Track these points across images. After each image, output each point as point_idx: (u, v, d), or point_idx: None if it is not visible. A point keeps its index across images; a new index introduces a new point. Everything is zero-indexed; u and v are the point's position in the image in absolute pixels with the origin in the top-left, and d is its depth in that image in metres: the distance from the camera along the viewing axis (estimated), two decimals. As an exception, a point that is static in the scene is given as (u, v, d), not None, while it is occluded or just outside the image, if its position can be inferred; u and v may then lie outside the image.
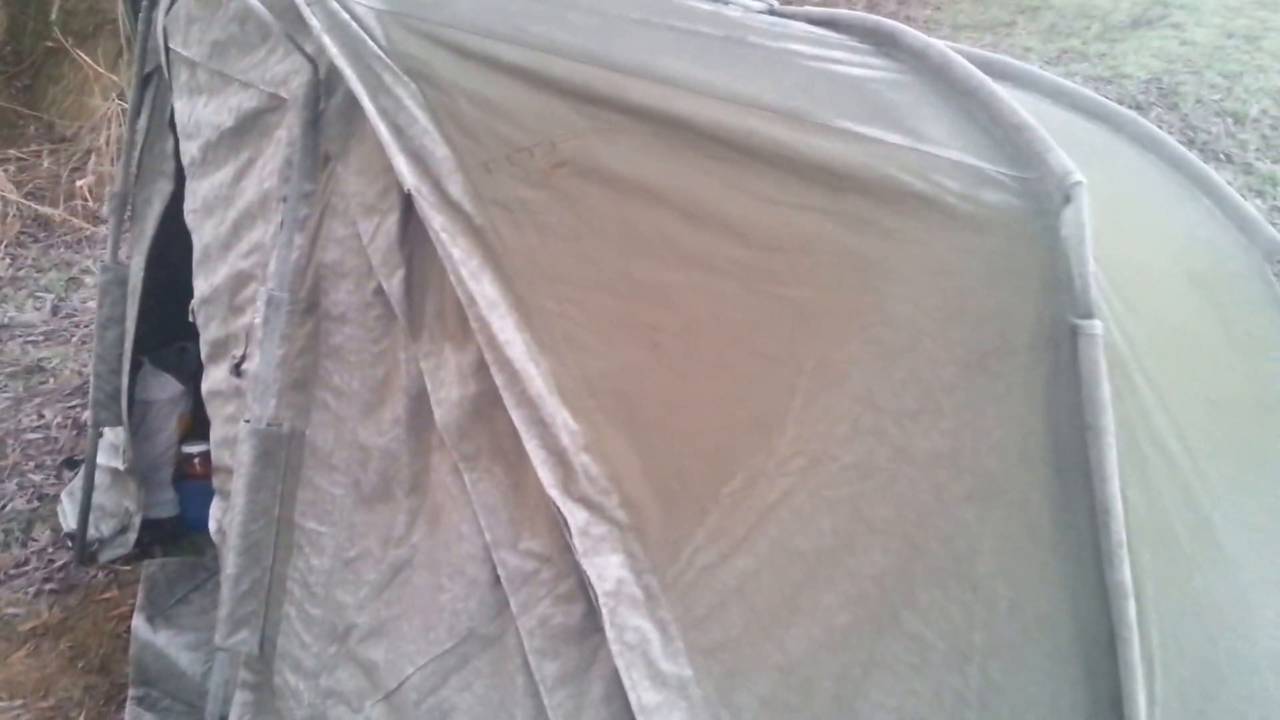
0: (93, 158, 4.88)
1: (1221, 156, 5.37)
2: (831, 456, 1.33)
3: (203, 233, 1.90)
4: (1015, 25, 8.18)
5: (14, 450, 2.90)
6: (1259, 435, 1.72)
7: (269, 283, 1.59)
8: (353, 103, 1.44)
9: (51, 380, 3.30)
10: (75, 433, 2.99)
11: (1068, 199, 1.29)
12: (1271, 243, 1.97)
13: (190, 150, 1.93)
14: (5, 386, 3.24)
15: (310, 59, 1.45)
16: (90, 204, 4.64)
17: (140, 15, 2.09)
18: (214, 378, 1.88)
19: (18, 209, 4.39)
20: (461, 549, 1.50)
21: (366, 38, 1.36)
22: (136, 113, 2.18)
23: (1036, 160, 1.35)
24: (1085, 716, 1.34)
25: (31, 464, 2.85)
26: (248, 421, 1.63)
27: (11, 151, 4.95)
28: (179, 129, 1.98)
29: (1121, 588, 1.29)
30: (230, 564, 1.73)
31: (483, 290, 1.36)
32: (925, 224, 1.33)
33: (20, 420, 3.05)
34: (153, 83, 2.15)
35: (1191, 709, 1.43)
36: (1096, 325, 1.28)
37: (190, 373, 2.63)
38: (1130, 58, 7.09)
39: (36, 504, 2.68)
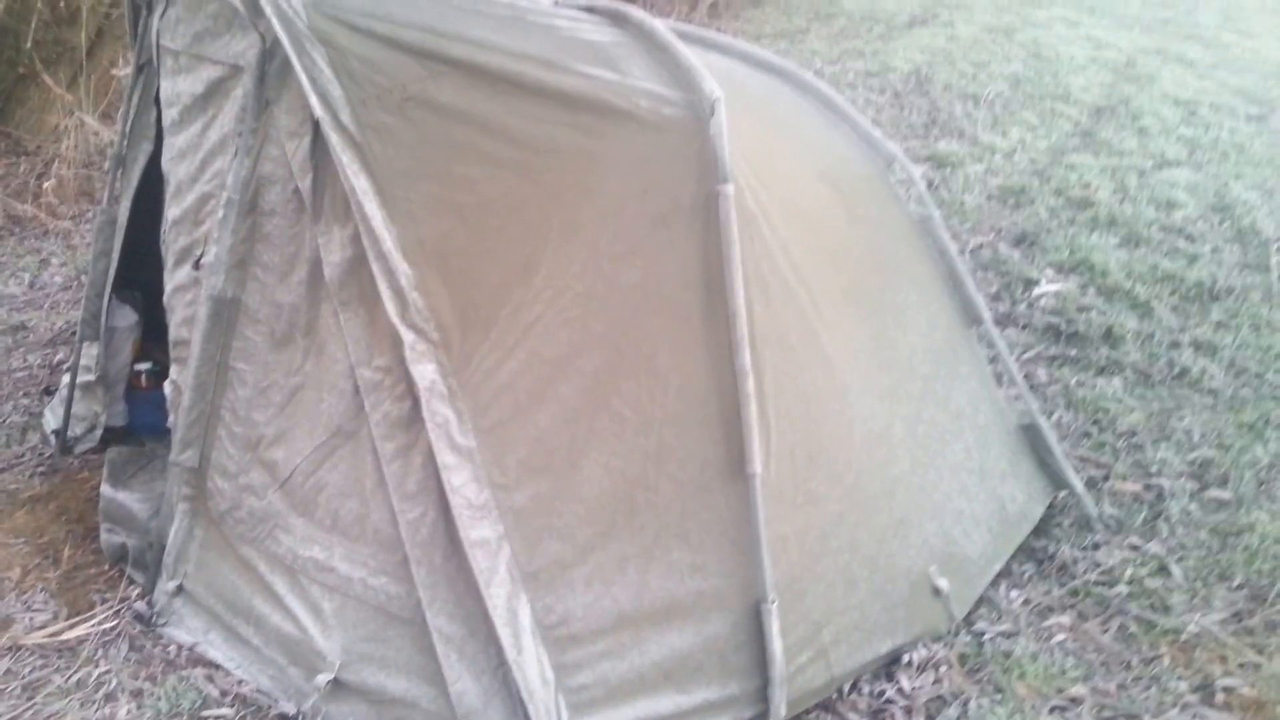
0: (55, 164, 6.13)
1: (955, 131, 6.85)
2: (568, 287, 2.40)
3: (177, 172, 3.00)
4: (809, 32, 10.10)
5: (7, 384, 4.00)
6: (872, 284, 2.78)
7: (227, 190, 2.69)
8: (286, 64, 2.53)
9: (32, 336, 4.40)
10: (50, 372, 4.09)
11: (712, 110, 2.37)
12: (889, 154, 3.08)
13: (171, 114, 3.04)
14: (-3, 341, 4.38)
15: (261, 36, 2.57)
16: (54, 202, 5.86)
17: (140, 22, 3.25)
18: (178, 277, 2.95)
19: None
20: (335, 370, 2.55)
21: (296, 19, 2.47)
22: (131, 92, 3.33)
23: (695, 86, 2.40)
24: (723, 463, 2.37)
25: (21, 393, 3.94)
26: (206, 292, 2.71)
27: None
28: (163, 101, 3.08)
29: (743, 368, 2.34)
30: (185, 399, 2.79)
31: (360, 184, 2.41)
32: (628, 130, 2.38)
33: (10, 364, 4.15)
34: (144, 71, 3.30)
35: (799, 464, 2.46)
36: (729, 188, 2.31)
37: (140, 309, 3.74)
38: (900, 53, 8.86)
39: (27, 418, 3.74)
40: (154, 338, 3.61)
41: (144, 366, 3.65)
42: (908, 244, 3.03)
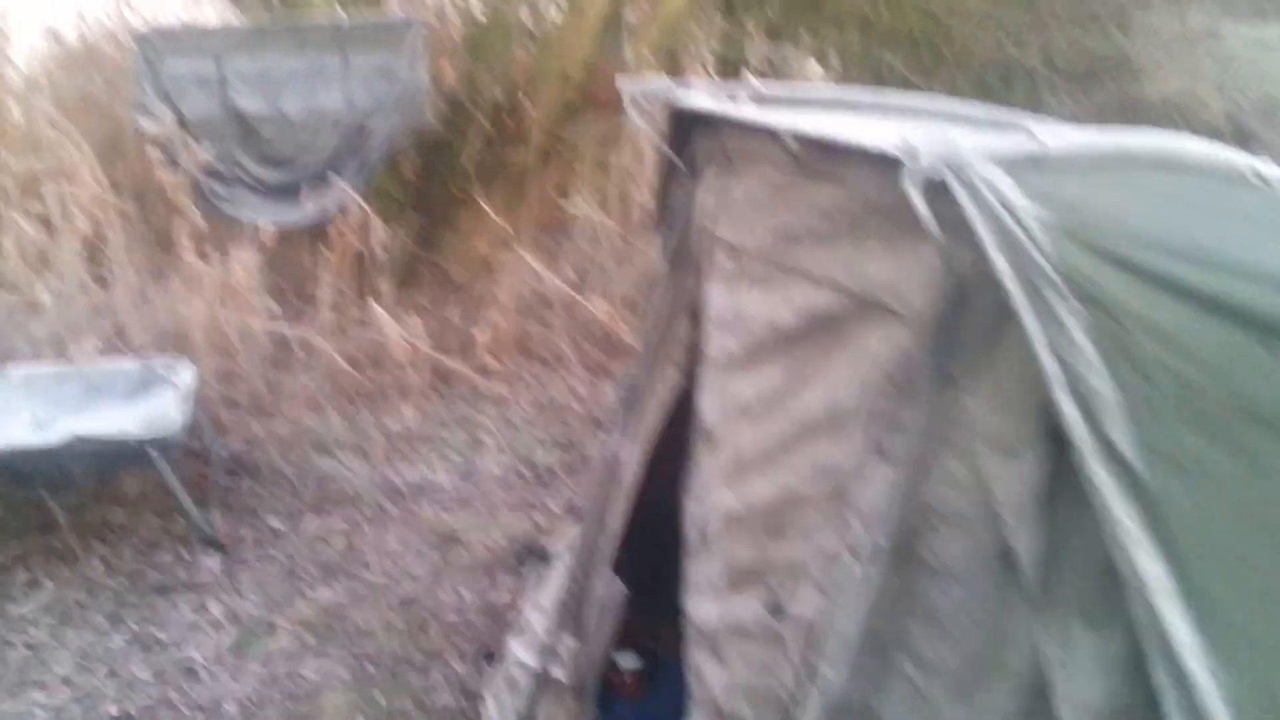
0: (491, 310, 5.46)
1: None
2: None
3: (736, 437, 2.03)
4: None
5: (436, 634, 3.23)
6: None
7: (853, 519, 1.65)
8: (994, 323, 1.50)
9: (465, 553, 3.65)
10: (491, 620, 3.27)
11: None
12: None
13: (727, 344, 2.09)
14: (423, 555, 3.63)
15: (949, 268, 1.52)
16: (486, 360, 5.18)
17: (675, 191, 2.32)
18: (735, 610, 1.96)
19: (427, 360, 4.98)
20: None
21: (1032, 250, 1.41)
22: (658, 294, 2.40)
23: None
24: None
25: (453, 649, 3.14)
26: (815, 686, 1.67)
27: (414, 298, 5.65)
28: (714, 318, 2.15)
29: None
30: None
31: (1145, 565, 1.33)
32: None
33: (439, 597, 3.40)
34: (679, 265, 2.36)
35: None
36: None
37: (630, 577, 2.79)
38: None
39: (462, 701, 2.94)
40: (645, 611, 2.62)
41: (630, 664, 2.70)
42: None
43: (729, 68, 8.11)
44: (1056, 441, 1.44)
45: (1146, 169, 1.77)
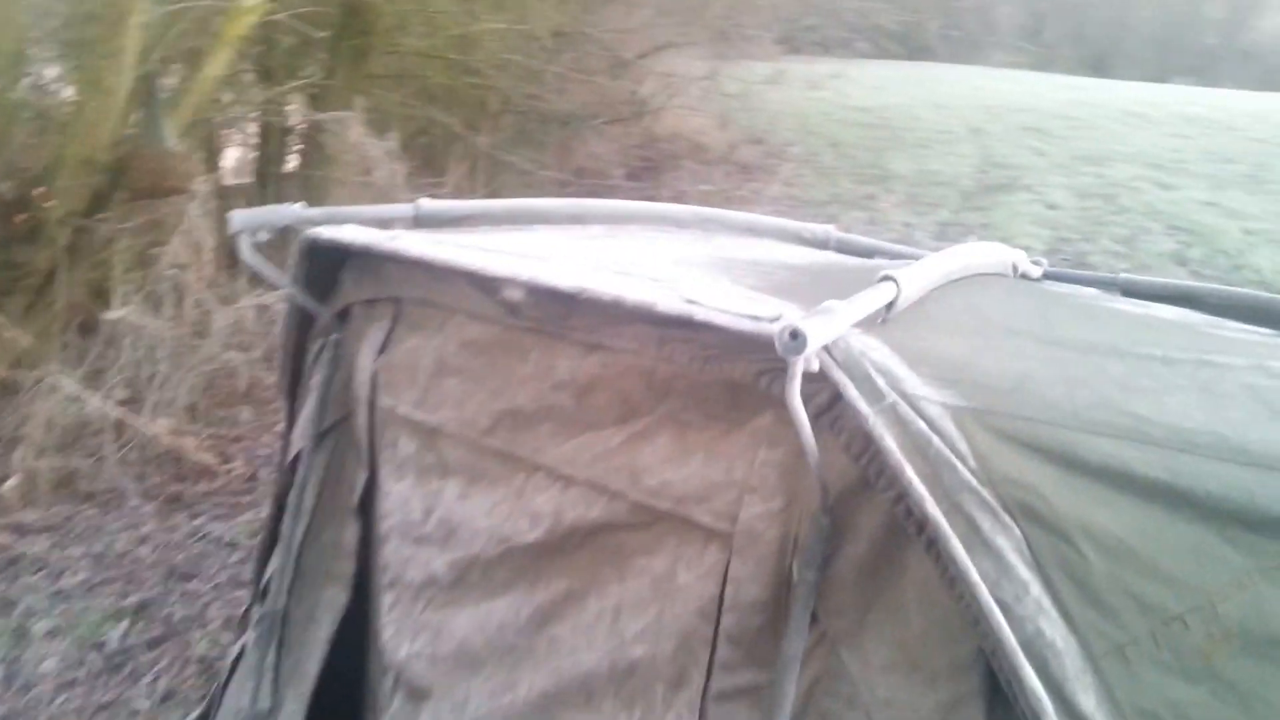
0: (19, 448, 4.50)
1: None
2: None
3: (455, 694, 1.50)
4: (875, 198, 9.03)
5: None
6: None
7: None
8: (886, 551, 1.10)
9: (26, 813, 2.78)
10: None
11: None
12: None
13: (430, 561, 1.56)
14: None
15: (820, 478, 1.09)
16: (19, 513, 4.23)
17: (320, 350, 1.74)
18: None
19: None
20: None
21: (951, 455, 1.03)
22: (299, 488, 1.79)
23: None
24: None
25: None
26: None
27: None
28: (400, 525, 1.61)
29: None
30: None
31: None
32: None
33: None
34: (326, 443, 1.78)
35: None
36: None
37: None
38: (1015, 226, 7.75)
39: None
40: None
41: None
42: None
43: (273, 135, 7.53)
44: (995, 708, 1.07)
45: (957, 286, 1.46)
